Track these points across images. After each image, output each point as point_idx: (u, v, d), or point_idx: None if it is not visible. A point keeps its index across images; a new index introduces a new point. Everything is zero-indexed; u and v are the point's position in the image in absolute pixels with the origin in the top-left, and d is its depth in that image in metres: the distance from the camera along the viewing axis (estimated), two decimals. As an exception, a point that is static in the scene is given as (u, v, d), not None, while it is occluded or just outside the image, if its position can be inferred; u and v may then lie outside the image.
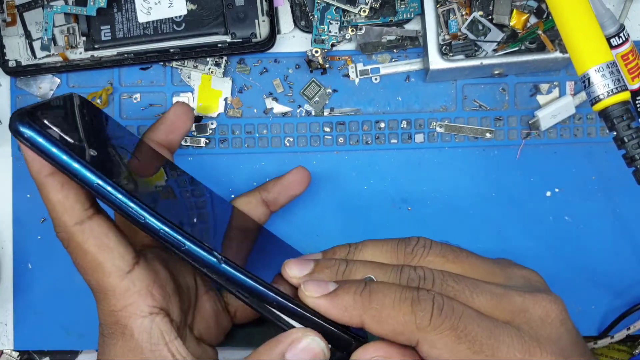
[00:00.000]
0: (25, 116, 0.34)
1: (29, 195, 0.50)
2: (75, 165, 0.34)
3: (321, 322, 0.35)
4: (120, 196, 0.35)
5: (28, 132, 0.34)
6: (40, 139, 0.34)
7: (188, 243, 0.35)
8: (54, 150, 0.34)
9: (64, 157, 0.34)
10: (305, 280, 0.35)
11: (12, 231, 0.50)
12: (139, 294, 0.35)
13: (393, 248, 0.37)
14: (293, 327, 0.35)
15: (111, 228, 0.37)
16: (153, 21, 0.49)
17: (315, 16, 0.49)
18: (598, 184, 0.51)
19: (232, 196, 0.50)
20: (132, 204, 0.35)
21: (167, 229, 0.35)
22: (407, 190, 0.51)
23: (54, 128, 0.35)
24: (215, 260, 0.35)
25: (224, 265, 0.35)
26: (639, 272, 0.51)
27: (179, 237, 0.35)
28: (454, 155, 0.51)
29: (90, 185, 0.35)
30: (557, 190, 0.51)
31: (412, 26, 0.50)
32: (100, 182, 0.34)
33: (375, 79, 0.51)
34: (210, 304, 0.42)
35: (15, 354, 0.51)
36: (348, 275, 0.35)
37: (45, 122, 0.35)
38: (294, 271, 0.36)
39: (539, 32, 0.47)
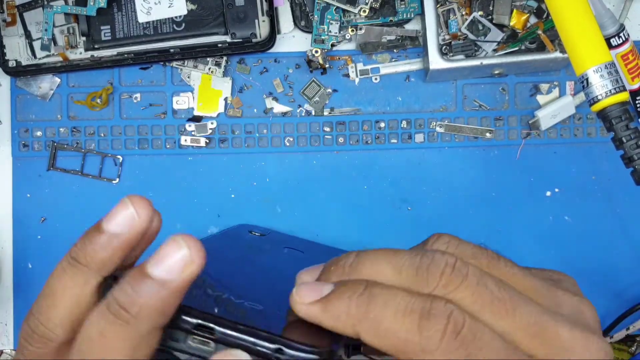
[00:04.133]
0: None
1: (28, 195, 0.50)
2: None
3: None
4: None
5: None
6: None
7: None
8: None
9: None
10: (299, 285, 0.27)
11: (12, 231, 0.50)
12: None
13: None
14: None
15: None
16: (153, 21, 0.49)
17: (315, 16, 0.49)
18: (598, 184, 0.51)
19: (233, 196, 0.50)
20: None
21: None
22: (407, 190, 0.51)
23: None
24: None
25: None
26: (638, 272, 0.51)
27: None
28: (454, 155, 0.51)
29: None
30: (557, 190, 0.51)
31: (412, 26, 0.50)
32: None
33: (375, 79, 0.51)
34: None
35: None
36: (356, 268, 0.27)
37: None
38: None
39: (539, 32, 0.47)
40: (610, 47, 0.44)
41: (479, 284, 0.26)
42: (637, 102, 0.47)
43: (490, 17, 0.49)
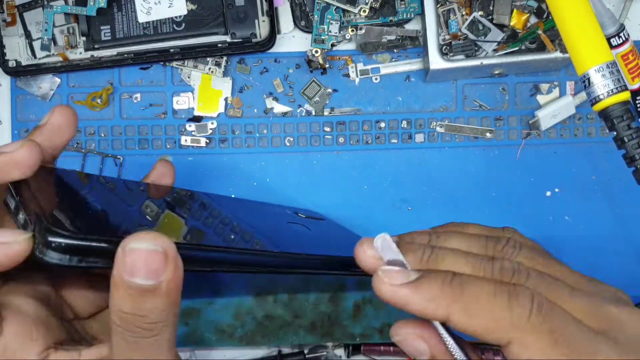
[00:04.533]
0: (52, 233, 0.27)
1: (29, 195, 0.50)
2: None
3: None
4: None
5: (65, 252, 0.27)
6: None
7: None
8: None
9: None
10: (383, 266, 0.30)
11: (12, 231, 0.50)
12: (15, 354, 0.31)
13: (481, 244, 0.33)
14: None
15: None
16: (153, 21, 0.49)
17: (315, 16, 0.49)
18: (598, 184, 0.51)
19: (233, 196, 0.50)
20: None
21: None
22: (407, 190, 0.51)
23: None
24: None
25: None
26: (638, 272, 0.51)
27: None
28: (454, 155, 0.51)
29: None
30: (557, 190, 0.51)
31: (412, 26, 0.50)
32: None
33: (376, 79, 0.51)
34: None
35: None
36: (434, 263, 0.31)
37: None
38: (372, 250, 0.31)
39: (539, 32, 0.47)
40: (611, 47, 0.44)
41: (539, 278, 0.31)
42: (637, 102, 0.47)
43: (490, 17, 0.49)
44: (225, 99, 0.50)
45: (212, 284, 0.50)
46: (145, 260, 0.27)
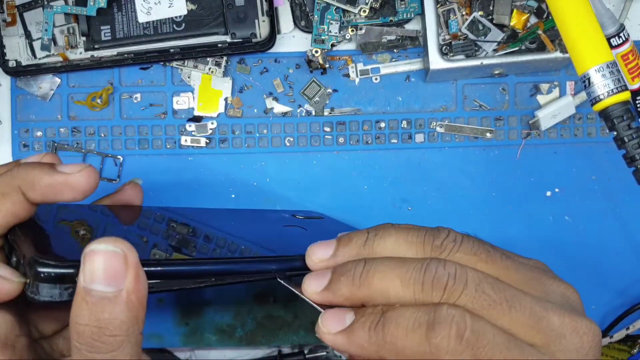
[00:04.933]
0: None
1: (29, 195, 0.50)
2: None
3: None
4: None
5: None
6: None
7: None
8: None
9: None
10: (323, 313, 0.31)
11: (12, 231, 0.50)
12: None
13: (419, 239, 0.32)
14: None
15: None
16: (153, 21, 0.49)
17: (315, 16, 0.49)
18: (598, 184, 0.51)
19: (233, 196, 0.50)
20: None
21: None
22: (407, 190, 0.51)
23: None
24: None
25: None
26: (638, 272, 0.51)
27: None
28: (454, 155, 0.51)
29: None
30: (557, 190, 0.51)
31: (412, 26, 0.50)
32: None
33: (376, 79, 0.51)
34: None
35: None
36: (366, 283, 0.30)
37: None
38: (312, 287, 0.32)
39: (539, 32, 0.47)
40: (610, 47, 0.44)
41: (477, 290, 0.29)
42: (637, 102, 0.47)
43: (490, 17, 0.49)
44: (225, 99, 0.50)
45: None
46: (104, 263, 0.27)
